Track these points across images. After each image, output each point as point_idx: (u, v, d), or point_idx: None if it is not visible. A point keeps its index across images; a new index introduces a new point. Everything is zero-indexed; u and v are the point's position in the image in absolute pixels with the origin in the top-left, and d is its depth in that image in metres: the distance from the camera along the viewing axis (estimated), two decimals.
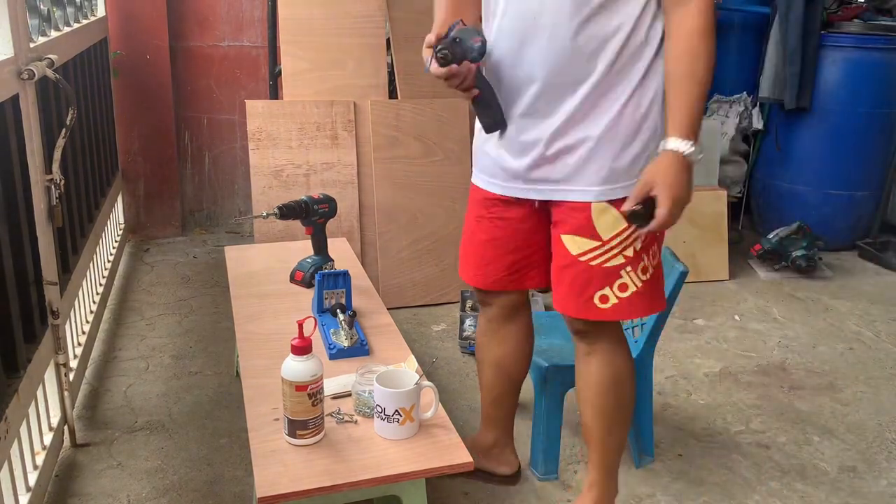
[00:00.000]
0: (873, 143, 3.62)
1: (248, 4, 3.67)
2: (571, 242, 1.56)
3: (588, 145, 1.49)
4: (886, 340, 2.87)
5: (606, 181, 1.50)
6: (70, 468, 1.98)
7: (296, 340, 1.39)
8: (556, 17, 1.43)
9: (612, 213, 1.51)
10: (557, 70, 1.46)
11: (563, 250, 1.58)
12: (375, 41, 3.09)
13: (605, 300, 1.55)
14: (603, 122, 1.48)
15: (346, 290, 1.87)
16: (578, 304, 1.58)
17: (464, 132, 3.11)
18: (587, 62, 1.45)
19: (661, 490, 1.97)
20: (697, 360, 2.65)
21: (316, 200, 2.07)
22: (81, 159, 2.54)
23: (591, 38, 1.43)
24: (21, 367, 1.69)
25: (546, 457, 1.97)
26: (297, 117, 2.97)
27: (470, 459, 1.40)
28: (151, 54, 3.51)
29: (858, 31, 3.52)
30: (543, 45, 1.45)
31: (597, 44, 1.44)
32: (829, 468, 2.09)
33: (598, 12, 1.42)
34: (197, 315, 2.90)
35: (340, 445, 1.41)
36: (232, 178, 3.87)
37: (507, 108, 1.55)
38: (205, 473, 1.97)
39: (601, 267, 1.54)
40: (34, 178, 1.84)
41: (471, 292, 2.97)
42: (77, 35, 2.57)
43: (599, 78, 1.46)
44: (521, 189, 1.60)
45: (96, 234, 2.72)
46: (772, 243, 3.43)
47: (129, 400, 2.30)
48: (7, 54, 1.72)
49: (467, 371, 2.54)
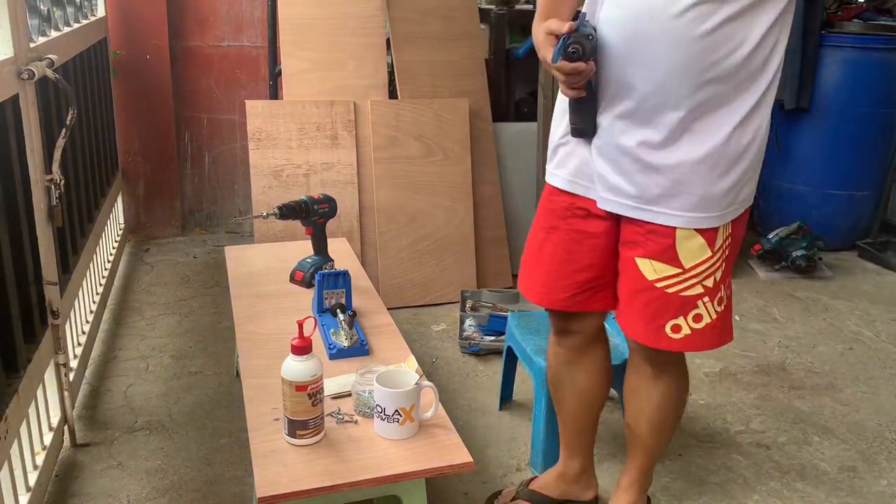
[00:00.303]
0: (873, 143, 3.62)
1: (248, 4, 3.67)
2: (648, 267, 1.45)
3: (684, 168, 1.37)
4: (886, 340, 2.87)
5: (697, 208, 1.39)
6: (70, 468, 1.98)
7: (296, 340, 1.39)
8: (679, 19, 1.29)
9: (698, 241, 1.41)
10: (669, 76, 1.33)
11: (637, 274, 1.47)
12: (375, 41, 3.09)
13: (678, 330, 1.47)
14: (705, 146, 1.36)
15: (346, 290, 1.87)
16: (648, 331, 1.49)
17: (464, 132, 3.11)
18: (702, 73, 1.32)
19: (661, 490, 1.97)
20: (697, 360, 2.64)
21: (316, 200, 2.07)
22: (81, 159, 2.54)
23: (713, 49, 1.30)
24: (21, 367, 1.69)
25: (546, 457, 1.97)
26: (297, 117, 2.97)
27: (470, 459, 1.40)
28: (151, 54, 3.51)
29: (858, 31, 3.52)
30: (659, 47, 1.31)
31: (718, 56, 1.31)
32: (829, 468, 2.09)
33: (727, 23, 1.29)
34: (197, 315, 2.90)
35: (340, 445, 1.41)
36: (232, 178, 3.87)
37: (606, 106, 1.41)
38: (205, 473, 1.97)
39: (678, 295, 1.45)
40: (34, 178, 1.84)
41: (471, 292, 2.97)
42: (77, 35, 2.57)
43: (711, 95, 1.34)
44: (606, 200, 1.46)
45: (96, 234, 2.72)
46: (772, 243, 3.43)
47: (129, 400, 2.30)
48: (7, 54, 1.72)
49: (467, 371, 2.54)
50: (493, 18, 3.47)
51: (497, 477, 2.00)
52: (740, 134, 1.37)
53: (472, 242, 3.11)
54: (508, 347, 2.22)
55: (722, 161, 1.37)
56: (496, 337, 2.64)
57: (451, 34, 3.21)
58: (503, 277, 3.20)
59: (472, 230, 3.11)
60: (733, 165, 1.38)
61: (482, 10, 3.43)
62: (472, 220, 3.11)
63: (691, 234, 1.41)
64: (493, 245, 3.19)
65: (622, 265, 1.52)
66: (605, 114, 1.42)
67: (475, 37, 3.27)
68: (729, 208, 1.42)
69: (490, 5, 3.55)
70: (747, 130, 1.38)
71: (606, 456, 2.09)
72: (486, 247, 3.17)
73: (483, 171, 3.18)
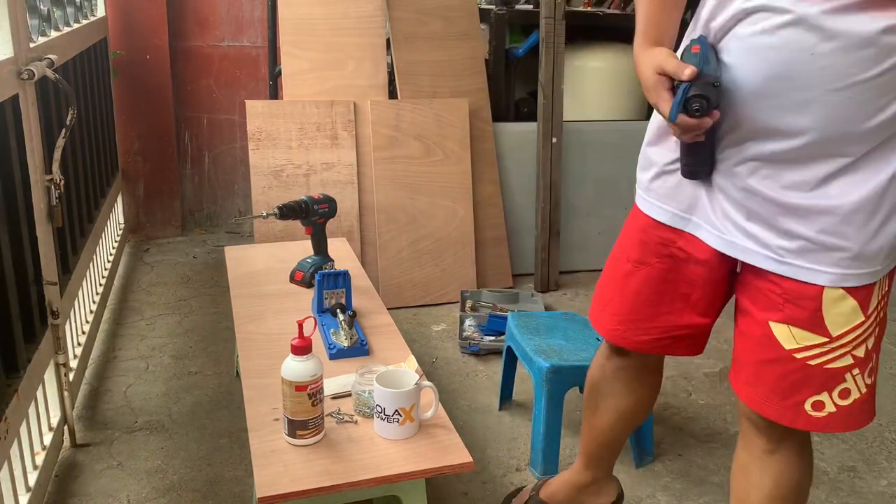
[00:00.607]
0: None
1: (248, 4, 3.67)
2: (786, 334, 1.22)
3: (835, 216, 1.14)
4: (886, 340, 2.87)
5: (852, 264, 1.16)
6: (70, 468, 1.98)
7: (296, 340, 1.39)
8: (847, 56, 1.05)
9: (849, 304, 1.18)
10: (829, 123, 1.10)
11: (771, 341, 1.24)
12: (375, 41, 3.09)
13: (820, 408, 1.24)
14: (864, 188, 1.13)
15: (346, 290, 1.87)
16: (783, 407, 1.25)
17: (464, 132, 3.11)
18: (870, 119, 1.09)
19: (661, 490, 1.97)
20: (697, 360, 2.64)
21: (316, 200, 2.07)
22: (81, 159, 2.54)
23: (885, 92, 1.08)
24: (21, 367, 1.69)
25: (546, 457, 1.97)
26: (297, 117, 2.97)
27: (470, 459, 1.40)
28: (151, 54, 3.51)
29: None
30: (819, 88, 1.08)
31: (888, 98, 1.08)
32: (829, 468, 2.09)
33: None
34: (197, 315, 2.90)
35: (340, 445, 1.41)
36: (232, 178, 3.87)
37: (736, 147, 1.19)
38: (205, 473, 1.97)
39: (822, 368, 1.22)
40: (34, 178, 1.85)
41: (471, 292, 2.97)
42: (77, 35, 2.57)
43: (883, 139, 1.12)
44: (735, 246, 1.24)
45: (96, 234, 2.72)
46: None
47: (129, 400, 2.30)
48: (7, 54, 1.72)
49: (467, 371, 2.54)
50: (493, 18, 3.47)
51: (497, 477, 2.00)
52: None
53: (472, 242, 3.11)
54: (508, 347, 2.22)
55: (883, 206, 1.14)
56: (496, 337, 2.64)
57: (450, 34, 3.21)
58: (503, 277, 3.20)
59: (472, 230, 3.11)
60: (893, 213, 1.16)
61: (482, 10, 3.43)
62: (472, 220, 3.11)
63: (842, 295, 1.18)
64: (493, 245, 3.19)
65: (747, 327, 1.29)
66: (740, 154, 1.19)
67: (475, 37, 3.27)
68: (887, 260, 1.19)
69: (490, 5, 3.55)
70: None
71: None
72: (486, 247, 3.17)
73: (483, 171, 3.18)
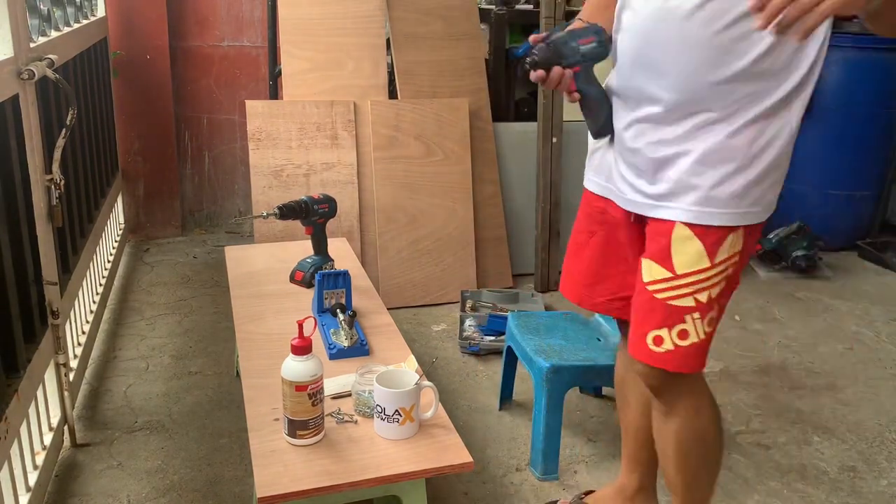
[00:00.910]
0: (873, 143, 3.62)
1: (248, 4, 3.67)
2: (647, 267, 1.36)
3: (692, 156, 1.29)
4: (886, 340, 2.87)
5: (701, 203, 1.30)
6: (70, 468, 1.98)
7: (296, 340, 1.39)
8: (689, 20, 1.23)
9: (695, 246, 1.30)
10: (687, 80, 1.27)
11: (638, 276, 1.38)
12: (375, 41, 3.09)
13: (660, 342, 1.34)
14: (717, 137, 1.28)
15: (346, 290, 1.87)
16: (634, 338, 1.39)
17: (464, 132, 3.11)
18: (720, 73, 1.25)
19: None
20: None
21: (316, 200, 2.07)
22: (81, 159, 2.54)
23: (728, 50, 1.24)
24: (21, 367, 1.69)
25: (546, 457, 1.97)
26: (297, 117, 2.97)
27: (470, 459, 1.40)
28: (151, 54, 3.51)
29: (858, 31, 3.52)
30: (673, 50, 1.27)
31: (734, 56, 1.24)
32: (829, 468, 2.09)
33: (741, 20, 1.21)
34: (197, 315, 2.90)
35: (340, 445, 1.41)
36: (232, 178, 3.87)
37: (629, 112, 1.37)
38: (205, 473, 1.97)
39: (665, 303, 1.33)
40: (34, 178, 1.84)
41: (471, 292, 2.97)
42: (77, 35, 2.57)
43: (740, 96, 1.26)
44: (625, 200, 1.41)
45: (96, 234, 2.72)
46: (772, 243, 3.43)
47: (129, 400, 2.30)
48: (7, 54, 1.72)
49: (467, 371, 2.54)
50: (493, 18, 3.47)
51: (497, 477, 2.00)
52: (757, 131, 1.28)
53: (472, 242, 3.11)
54: (508, 347, 2.22)
55: (737, 155, 1.28)
56: (496, 337, 2.64)
57: (450, 34, 3.21)
58: (503, 277, 3.20)
59: (472, 230, 3.11)
60: (749, 164, 1.29)
61: (482, 10, 3.43)
62: (472, 220, 3.11)
63: (689, 235, 1.30)
64: (493, 245, 3.19)
65: None
66: (626, 118, 1.37)
67: (475, 37, 3.27)
68: (738, 210, 1.31)
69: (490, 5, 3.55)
70: (767, 129, 1.28)
71: (606, 456, 2.09)
72: (486, 247, 3.17)
73: (483, 171, 3.18)
